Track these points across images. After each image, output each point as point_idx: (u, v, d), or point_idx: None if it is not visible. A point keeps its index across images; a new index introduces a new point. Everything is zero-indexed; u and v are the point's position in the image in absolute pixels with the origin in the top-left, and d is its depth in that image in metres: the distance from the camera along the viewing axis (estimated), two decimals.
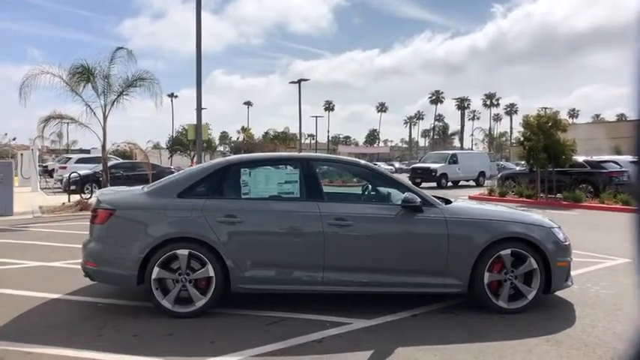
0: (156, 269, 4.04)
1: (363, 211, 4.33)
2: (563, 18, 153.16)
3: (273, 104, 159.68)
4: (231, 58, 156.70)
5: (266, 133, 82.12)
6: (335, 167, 4.63)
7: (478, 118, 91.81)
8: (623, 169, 16.65)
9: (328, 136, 37.49)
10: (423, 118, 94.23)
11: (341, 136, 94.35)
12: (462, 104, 77.90)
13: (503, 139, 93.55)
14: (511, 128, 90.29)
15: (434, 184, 24.04)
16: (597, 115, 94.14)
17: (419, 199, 4.26)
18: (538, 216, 4.79)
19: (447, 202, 4.60)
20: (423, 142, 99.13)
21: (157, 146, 62.55)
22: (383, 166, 51.33)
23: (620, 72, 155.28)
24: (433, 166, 24.42)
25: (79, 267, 4.50)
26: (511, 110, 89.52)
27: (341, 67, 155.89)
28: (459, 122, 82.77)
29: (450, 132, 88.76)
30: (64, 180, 16.75)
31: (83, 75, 12.31)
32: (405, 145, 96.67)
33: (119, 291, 4.73)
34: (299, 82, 31.50)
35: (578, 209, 13.55)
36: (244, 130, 58.92)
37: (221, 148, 69.16)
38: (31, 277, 5.55)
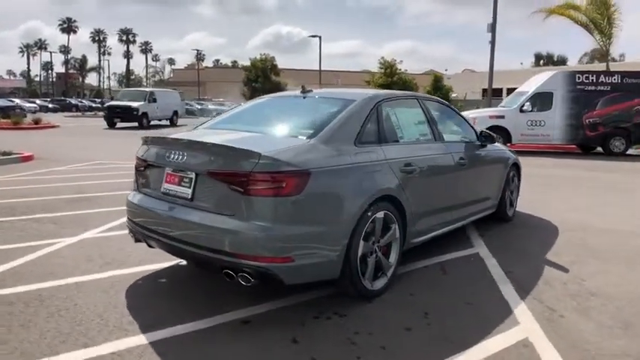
0: (361, 243, 3.03)
1: (465, 150, 4.51)
2: None
3: None
4: None
5: None
6: (433, 107, 4.38)
7: (110, 54, 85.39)
8: None
9: None
10: (45, 48, 78.58)
11: None
12: (99, 37, 69.81)
13: (133, 77, 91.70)
14: (146, 66, 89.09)
15: (135, 124, 22.22)
16: (217, 60, 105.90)
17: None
18: None
19: None
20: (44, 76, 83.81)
21: None
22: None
23: (218, 24, 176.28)
24: (134, 104, 22.34)
25: None
26: (146, 49, 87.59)
27: None
28: (97, 57, 74.55)
29: (88, 66, 78.42)
30: None
31: None
32: (20, 78, 78.90)
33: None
34: None
35: None
36: None
37: None
38: None
